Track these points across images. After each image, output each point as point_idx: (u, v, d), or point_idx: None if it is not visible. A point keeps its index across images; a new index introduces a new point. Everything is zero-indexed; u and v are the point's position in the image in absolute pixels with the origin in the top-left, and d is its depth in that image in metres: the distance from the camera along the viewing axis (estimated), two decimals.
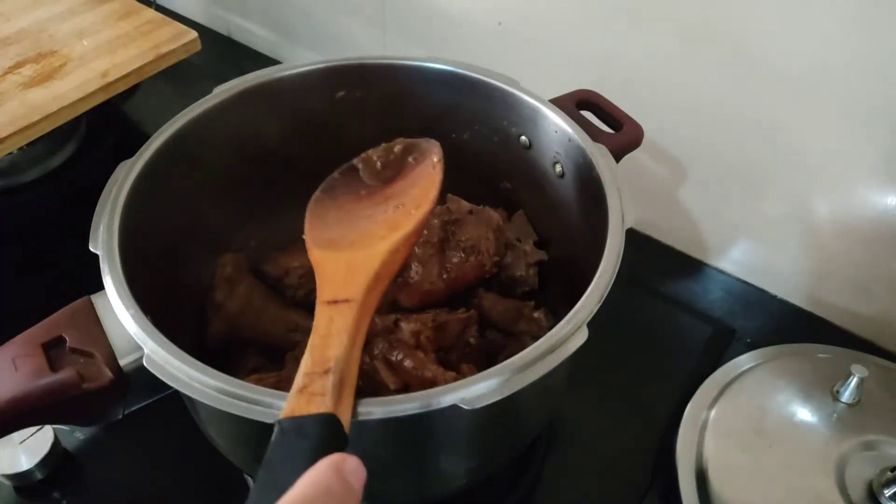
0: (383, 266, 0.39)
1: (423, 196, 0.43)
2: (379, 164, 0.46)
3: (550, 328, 0.37)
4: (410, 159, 0.45)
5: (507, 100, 0.52)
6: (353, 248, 0.41)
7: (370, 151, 0.46)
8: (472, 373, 0.43)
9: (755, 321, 0.63)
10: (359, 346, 0.36)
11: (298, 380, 0.33)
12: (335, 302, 0.37)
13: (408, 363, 0.44)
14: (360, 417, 0.33)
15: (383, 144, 0.46)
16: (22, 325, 0.39)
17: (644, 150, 0.54)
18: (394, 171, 0.46)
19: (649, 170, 0.65)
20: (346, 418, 0.32)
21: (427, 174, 0.44)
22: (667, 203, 0.67)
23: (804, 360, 0.56)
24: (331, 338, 0.35)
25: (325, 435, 0.31)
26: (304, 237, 0.42)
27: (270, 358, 0.51)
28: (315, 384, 0.33)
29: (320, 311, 0.37)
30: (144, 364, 0.35)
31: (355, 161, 0.46)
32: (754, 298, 0.65)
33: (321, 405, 0.32)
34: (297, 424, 0.31)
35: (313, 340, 0.35)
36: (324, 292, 0.38)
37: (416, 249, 0.50)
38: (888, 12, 0.47)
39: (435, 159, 0.44)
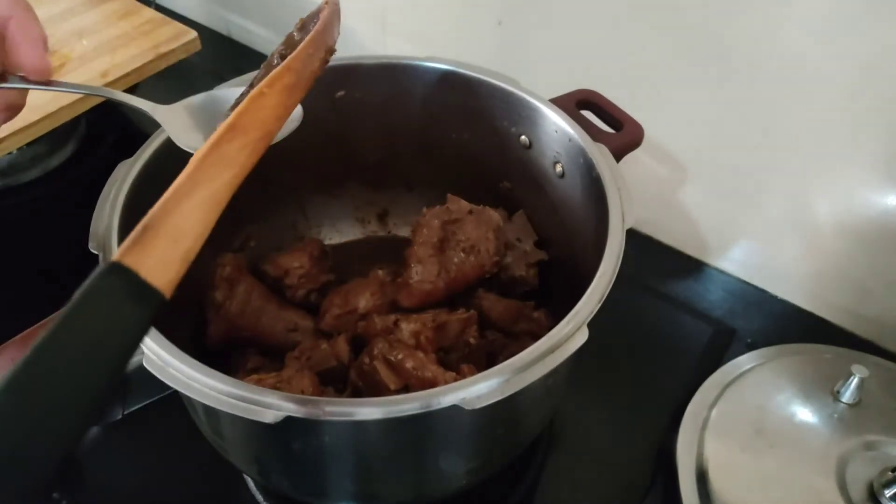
0: (244, 114, 0.31)
1: (309, 38, 0.36)
2: (277, 57, 0.40)
3: (550, 328, 0.37)
4: (311, 26, 0.39)
5: (507, 100, 0.52)
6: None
7: (272, 52, 0.40)
8: (472, 373, 0.43)
9: (755, 321, 0.63)
10: (200, 201, 0.31)
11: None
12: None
13: (408, 363, 0.44)
14: (361, 417, 0.33)
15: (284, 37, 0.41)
16: (22, 325, 0.39)
17: (644, 150, 0.54)
18: None
19: (649, 170, 0.65)
20: (147, 268, 0.27)
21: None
22: (667, 203, 0.67)
23: (804, 360, 0.56)
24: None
25: (100, 287, 0.27)
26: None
27: (270, 358, 0.51)
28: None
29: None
30: (144, 364, 0.35)
31: (262, 68, 0.41)
32: (754, 298, 0.65)
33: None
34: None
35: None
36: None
37: (417, 249, 0.50)
38: (887, 12, 0.47)
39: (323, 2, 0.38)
